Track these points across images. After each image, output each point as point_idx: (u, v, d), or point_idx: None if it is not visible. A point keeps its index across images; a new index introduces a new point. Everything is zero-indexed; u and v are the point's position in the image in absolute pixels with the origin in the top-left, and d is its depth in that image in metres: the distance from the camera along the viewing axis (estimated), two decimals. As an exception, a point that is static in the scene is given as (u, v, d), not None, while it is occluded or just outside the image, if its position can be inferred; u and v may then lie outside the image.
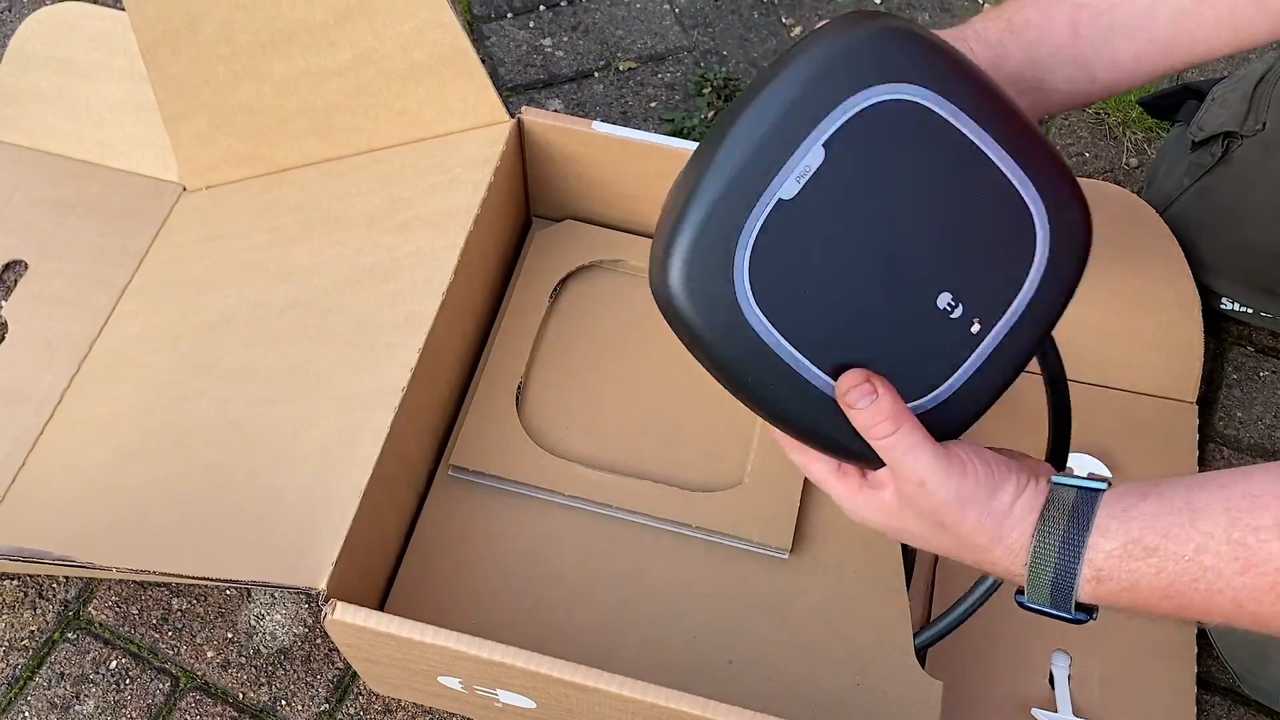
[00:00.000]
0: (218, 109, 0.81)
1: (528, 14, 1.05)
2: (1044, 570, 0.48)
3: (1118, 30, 0.56)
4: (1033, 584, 0.49)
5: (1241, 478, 0.45)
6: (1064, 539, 0.47)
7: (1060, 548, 0.47)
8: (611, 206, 0.81)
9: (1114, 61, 0.58)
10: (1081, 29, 0.57)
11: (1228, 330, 0.89)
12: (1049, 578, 0.48)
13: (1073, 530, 0.47)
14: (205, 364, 0.73)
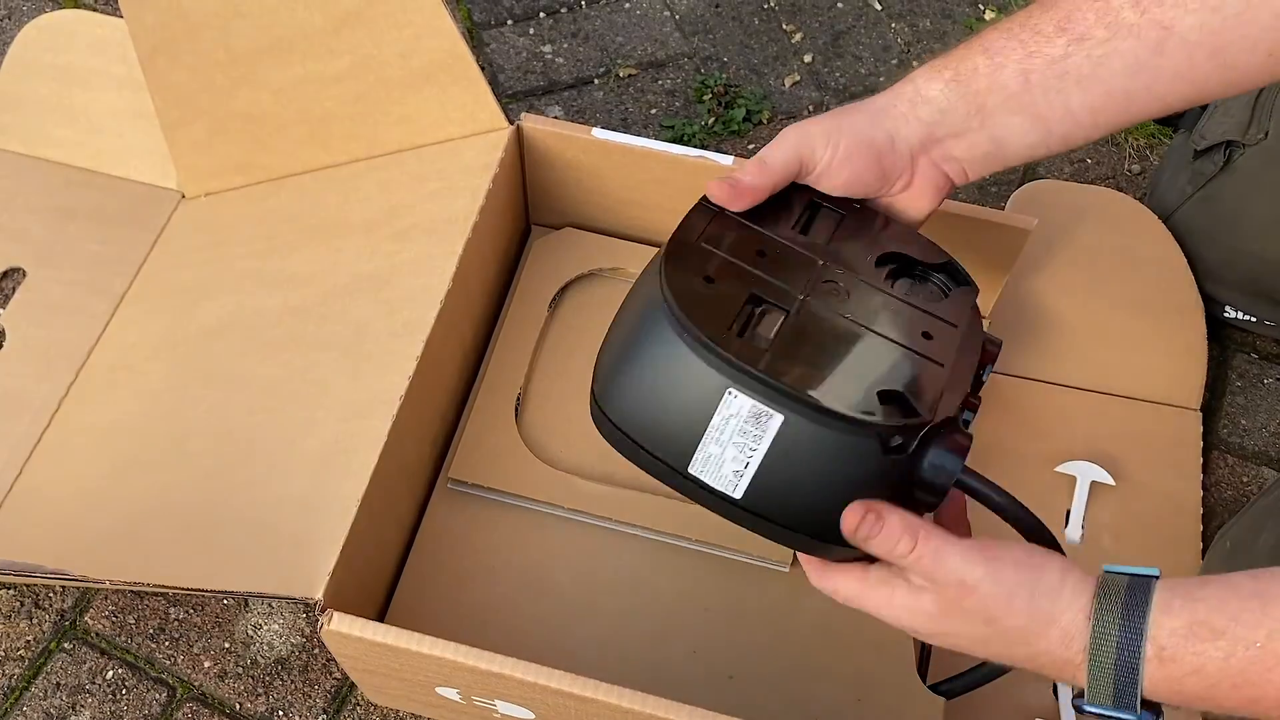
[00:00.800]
0: (216, 116, 0.81)
1: (528, 21, 1.05)
2: (1105, 651, 0.45)
3: (1070, 80, 0.55)
4: (1094, 671, 0.45)
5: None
6: (1124, 615, 0.44)
7: (1121, 624, 0.44)
8: (611, 214, 0.80)
9: (1068, 113, 0.56)
10: (1032, 77, 0.55)
11: (1231, 338, 0.88)
12: (1110, 659, 0.45)
13: (1132, 606, 0.45)
14: (203, 372, 0.73)
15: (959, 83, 0.56)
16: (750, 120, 0.98)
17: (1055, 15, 0.55)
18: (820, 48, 1.04)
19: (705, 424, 0.49)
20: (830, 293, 0.53)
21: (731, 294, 0.51)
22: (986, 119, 0.57)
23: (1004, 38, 0.56)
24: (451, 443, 0.73)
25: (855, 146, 0.56)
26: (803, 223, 0.57)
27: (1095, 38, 0.54)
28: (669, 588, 0.69)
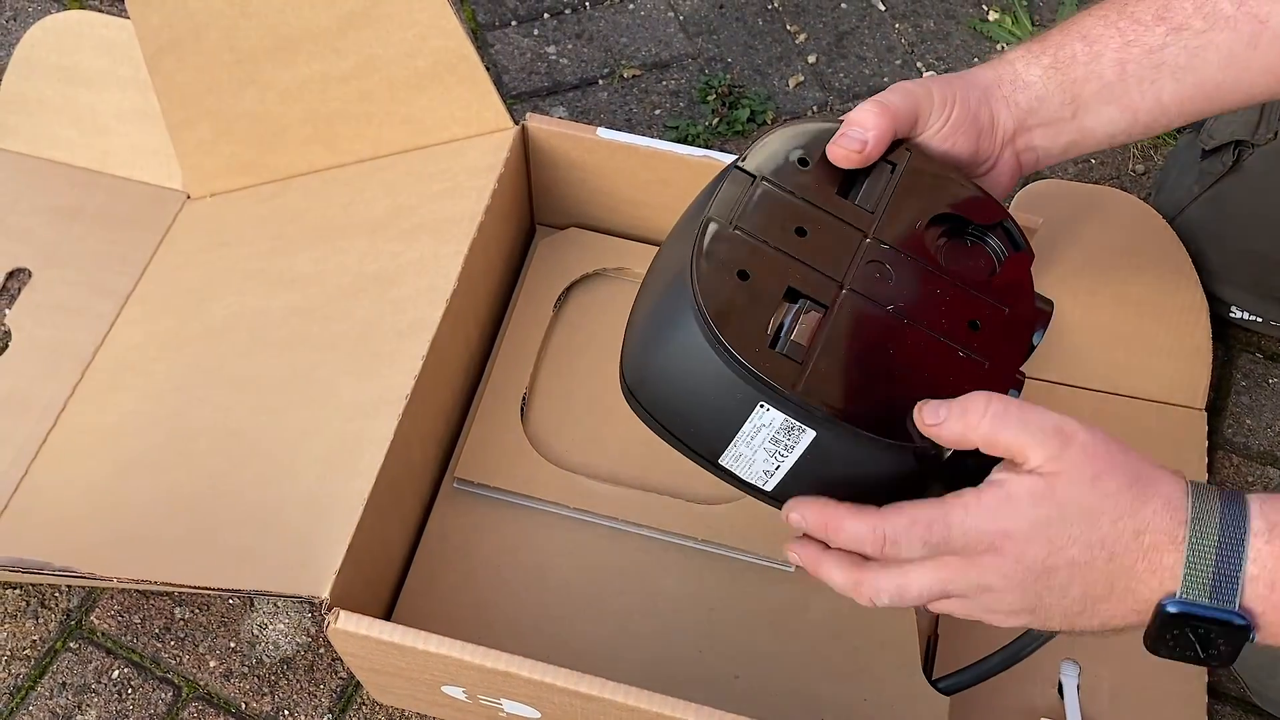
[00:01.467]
0: (222, 116, 0.81)
1: (532, 22, 1.05)
2: (1209, 519, 0.42)
3: (1166, 71, 0.55)
4: (1194, 549, 0.42)
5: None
6: (1222, 495, 0.43)
7: (1223, 500, 0.42)
8: (616, 213, 0.80)
9: (1158, 103, 0.56)
10: (1129, 67, 0.55)
11: (1236, 337, 0.88)
12: (1214, 532, 0.42)
13: (1229, 499, 0.43)
14: (208, 372, 0.73)
15: (1057, 69, 0.55)
16: (754, 121, 0.98)
17: (1154, 3, 0.54)
18: (824, 48, 1.04)
19: (737, 429, 0.48)
20: (873, 277, 0.50)
21: (766, 292, 0.48)
22: (1080, 109, 0.56)
23: (1101, 24, 0.55)
24: (457, 442, 0.73)
25: (964, 120, 0.55)
26: (850, 180, 0.54)
27: (1193, 28, 0.54)
28: (675, 587, 0.69)
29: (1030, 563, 0.44)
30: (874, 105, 0.52)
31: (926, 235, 0.53)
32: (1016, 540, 0.44)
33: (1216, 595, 0.42)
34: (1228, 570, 0.41)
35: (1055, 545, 0.44)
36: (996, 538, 0.44)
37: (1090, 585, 0.44)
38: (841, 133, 0.53)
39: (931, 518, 0.45)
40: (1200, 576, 0.42)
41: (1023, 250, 0.54)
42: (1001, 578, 0.45)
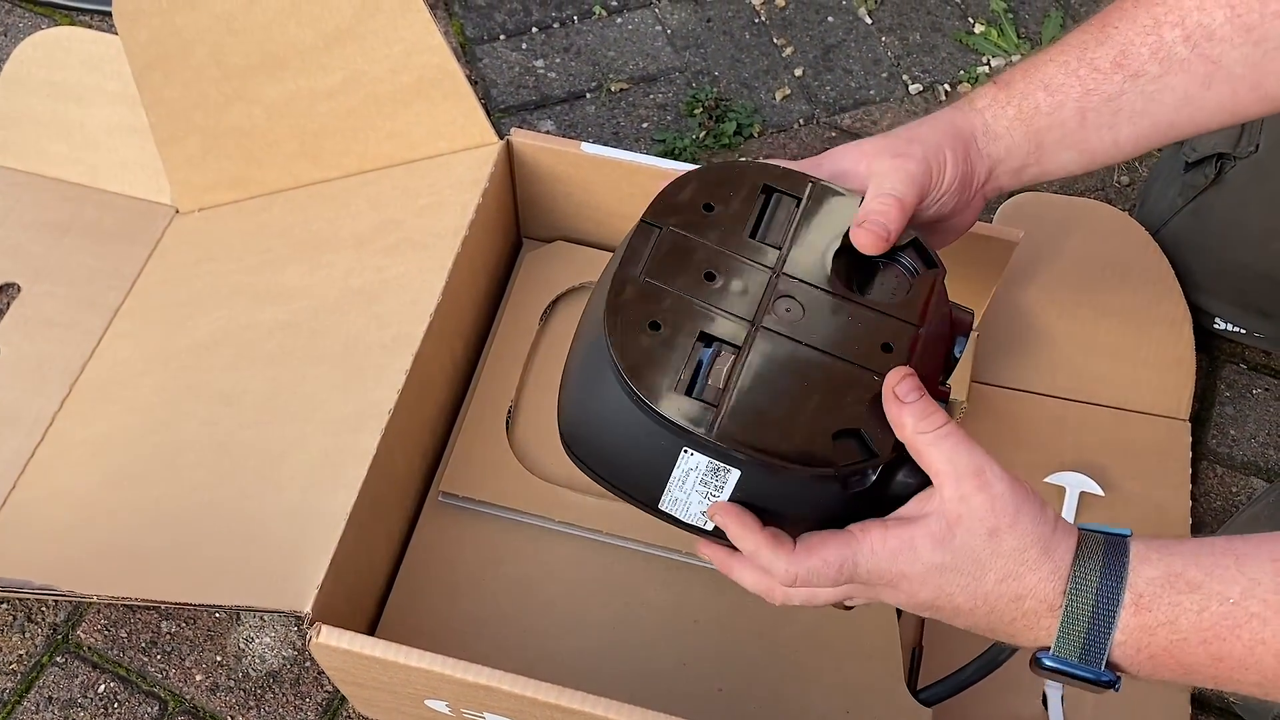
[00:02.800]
0: (209, 132, 0.82)
1: (520, 36, 1.05)
2: (1085, 592, 0.45)
3: (1124, 116, 0.56)
4: (1069, 615, 0.45)
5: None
6: (1104, 562, 0.45)
7: (1103, 569, 0.45)
8: (602, 227, 0.81)
9: (1114, 144, 0.57)
10: (1089, 115, 0.56)
11: (1220, 348, 0.88)
12: (1089, 603, 0.44)
13: (1112, 554, 0.45)
14: (194, 386, 0.73)
15: (1022, 121, 0.57)
16: (741, 134, 0.99)
17: (1111, 50, 0.55)
18: (811, 61, 1.04)
19: (668, 475, 0.50)
20: (783, 312, 0.52)
21: (679, 340, 0.50)
22: (1042, 154, 0.58)
23: (1063, 73, 0.56)
24: (442, 455, 0.73)
25: (956, 177, 0.56)
26: (756, 219, 0.54)
27: (1149, 74, 0.55)
28: (658, 600, 0.69)
29: (920, 601, 0.48)
30: (893, 200, 0.53)
31: (836, 264, 0.54)
32: (911, 581, 0.47)
33: (1085, 658, 0.45)
34: (1096, 640, 0.44)
35: (943, 592, 0.47)
36: (894, 577, 0.48)
37: (973, 624, 0.48)
38: (868, 222, 0.53)
39: (841, 559, 0.48)
40: (1071, 643, 0.45)
41: (935, 266, 0.55)
42: (896, 602, 0.49)
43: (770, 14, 1.08)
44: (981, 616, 0.47)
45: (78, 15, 1.05)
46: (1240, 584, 0.43)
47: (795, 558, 0.49)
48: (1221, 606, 0.43)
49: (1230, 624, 0.43)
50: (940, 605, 0.48)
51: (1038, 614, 0.46)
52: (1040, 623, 0.46)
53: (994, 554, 0.46)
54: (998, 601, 0.46)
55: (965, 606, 0.47)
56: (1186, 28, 0.54)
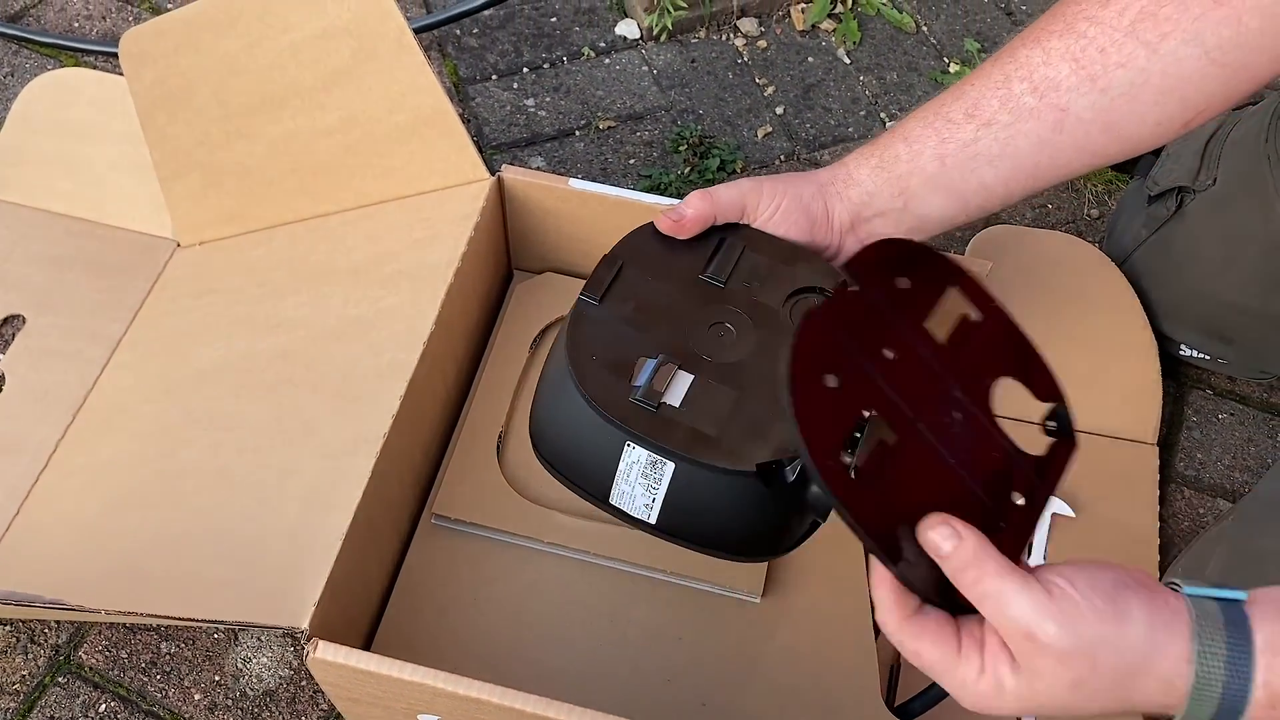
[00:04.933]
0: (211, 169, 0.85)
1: (511, 76, 1.09)
2: (1209, 697, 0.41)
3: (982, 160, 0.61)
4: (1195, 701, 0.42)
5: None
6: (1229, 660, 0.41)
7: (1227, 669, 0.41)
8: (590, 258, 0.82)
9: (981, 187, 0.62)
10: (948, 160, 0.61)
11: (1187, 374, 0.91)
12: (1214, 704, 0.42)
13: (1237, 645, 0.41)
14: (196, 414, 0.76)
15: (883, 168, 0.63)
16: (724, 169, 1.02)
17: (964, 104, 0.61)
18: (791, 100, 1.08)
19: (615, 467, 0.57)
20: (720, 336, 0.60)
21: (628, 353, 0.58)
22: (910, 199, 0.63)
23: (920, 126, 0.62)
24: (435, 479, 0.76)
25: (793, 210, 0.62)
26: (708, 258, 0.63)
27: (1000, 122, 0.60)
28: (644, 618, 0.71)
29: (1037, 702, 0.44)
30: (701, 193, 0.62)
31: (770, 298, 0.62)
32: (1026, 694, 0.44)
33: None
34: (1231, 705, 0.41)
35: (1064, 694, 0.43)
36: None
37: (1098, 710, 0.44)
38: (669, 208, 0.62)
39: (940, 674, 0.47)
40: (1202, 714, 0.42)
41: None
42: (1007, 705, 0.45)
43: (752, 55, 1.11)
44: (1106, 700, 0.43)
45: (82, 56, 1.08)
46: None
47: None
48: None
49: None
50: (1066, 705, 0.44)
51: (1159, 706, 0.43)
52: (1168, 706, 0.43)
53: (1088, 699, 0.43)
54: (1110, 710, 0.44)
55: (1085, 701, 0.43)
56: (1033, 81, 0.59)
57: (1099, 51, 0.58)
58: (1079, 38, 0.58)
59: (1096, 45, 0.58)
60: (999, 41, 1.13)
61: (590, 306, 0.61)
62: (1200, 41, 0.56)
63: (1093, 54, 0.58)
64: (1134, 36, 0.57)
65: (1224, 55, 0.57)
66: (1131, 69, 0.58)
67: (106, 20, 1.11)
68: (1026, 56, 0.60)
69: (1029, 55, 0.60)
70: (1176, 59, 0.57)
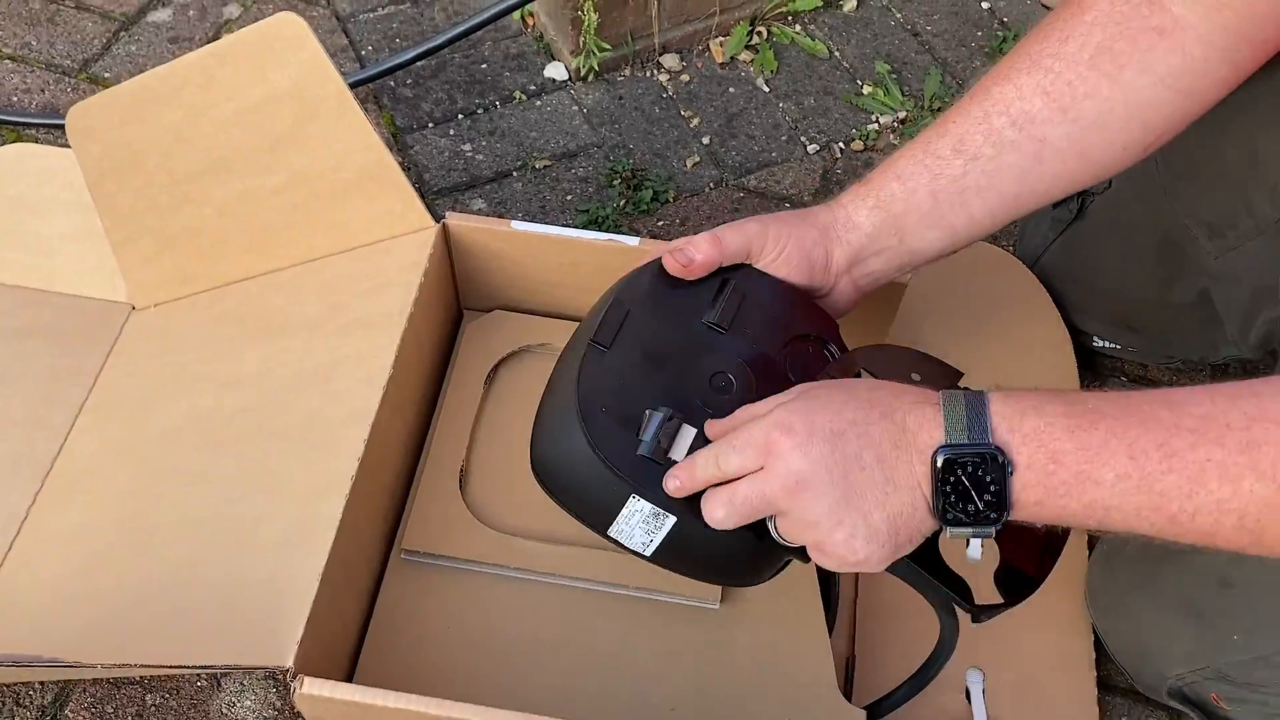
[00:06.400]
0: (162, 233, 0.87)
1: (447, 123, 1.13)
2: (955, 397, 0.52)
3: (970, 193, 0.66)
4: (949, 409, 0.52)
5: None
6: (966, 392, 0.52)
7: (966, 393, 0.52)
8: (535, 295, 0.88)
9: (970, 219, 0.67)
10: (940, 196, 0.66)
11: (1102, 364, 0.98)
12: (960, 398, 0.52)
13: (971, 389, 0.53)
14: (165, 471, 0.78)
15: (880, 208, 0.66)
16: (658, 200, 1.07)
17: (950, 140, 0.65)
18: (716, 130, 1.13)
19: (617, 513, 0.60)
20: (721, 387, 0.63)
21: (634, 407, 0.60)
22: (905, 236, 0.67)
23: (911, 164, 0.66)
24: (402, 516, 0.79)
25: (796, 254, 0.66)
26: (710, 304, 0.65)
27: (985, 155, 0.65)
28: (611, 632, 0.75)
29: (822, 430, 0.53)
30: (710, 236, 0.65)
31: (770, 345, 0.65)
32: (802, 414, 0.53)
33: (972, 434, 0.50)
34: (976, 416, 0.51)
35: (832, 409, 0.53)
36: (784, 419, 0.54)
37: (878, 444, 0.53)
38: (679, 248, 0.65)
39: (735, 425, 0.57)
40: (957, 422, 0.51)
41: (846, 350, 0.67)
42: (805, 458, 0.53)
43: (677, 89, 1.17)
44: (877, 423, 0.53)
45: (24, 129, 1.10)
46: (1091, 398, 0.50)
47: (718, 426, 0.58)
48: (1079, 406, 0.50)
49: (1090, 419, 0.49)
50: (840, 428, 0.53)
51: (921, 405, 0.53)
52: (926, 413, 0.52)
53: (852, 386, 0.55)
54: (882, 402, 0.53)
55: (860, 417, 0.53)
56: (1012, 114, 0.64)
57: (1067, 85, 0.63)
58: (1046, 73, 0.63)
59: (1064, 79, 0.63)
60: (908, 63, 1.19)
61: (600, 354, 0.63)
62: (1153, 70, 0.62)
63: (1061, 87, 0.63)
64: (1096, 69, 0.63)
65: (1176, 81, 0.63)
66: (1098, 99, 0.63)
67: (45, 93, 1.13)
68: (1000, 93, 0.65)
69: (1003, 92, 0.65)
70: (1135, 88, 0.63)
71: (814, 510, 0.53)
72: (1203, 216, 0.79)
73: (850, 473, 0.52)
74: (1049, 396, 0.51)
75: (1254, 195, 0.75)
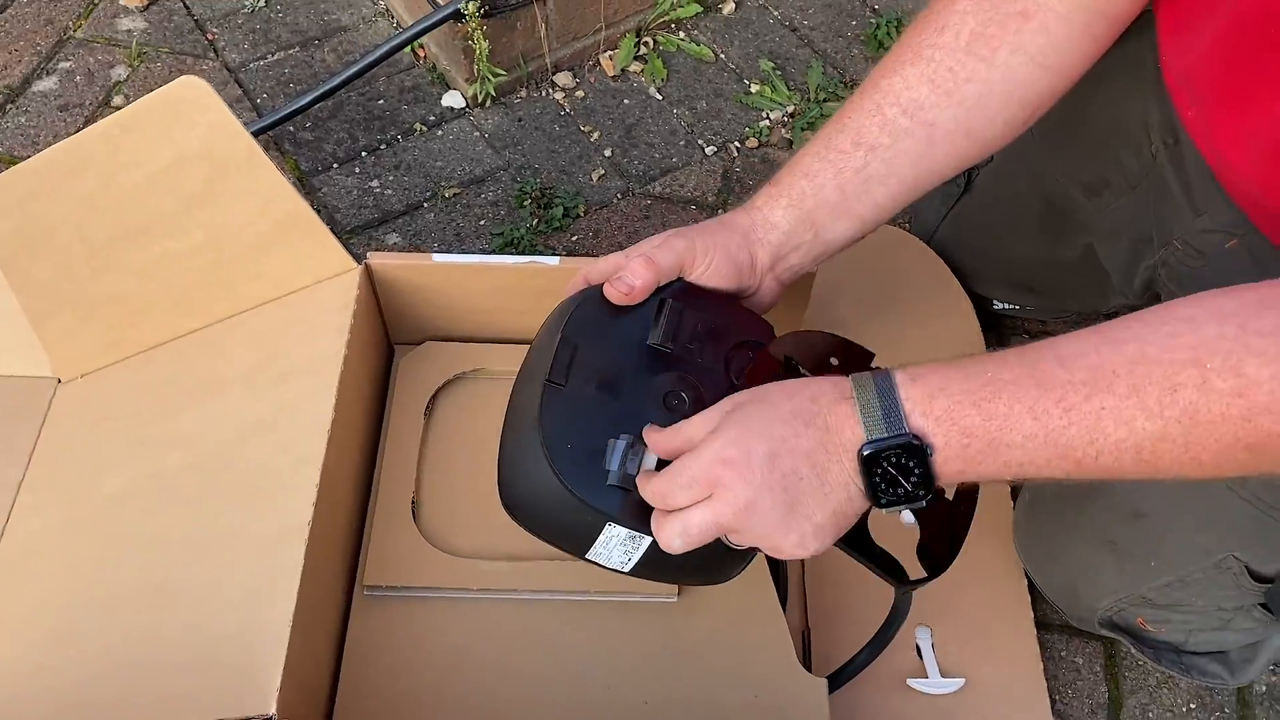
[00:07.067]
0: (82, 303, 0.87)
1: (351, 162, 1.14)
2: (866, 387, 0.54)
3: (874, 182, 0.70)
4: (862, 403, 0.54)
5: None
6: (874, 374, 0.55)
7: (874, 374, 0.55)
8: (463, 323, 0.90)
9: (875, 205, 0.71)
10: (846, 188, 0.70)
11: (1005, 325, 1.04)
12: (871, 389, 0.54)
13: (875, 371, 0.56)
14: (117, 539, 0.78)
15: (794, 207, 0.70)
16: (569, 216, 1.10)
17: (848, 135, 0.70)
18: (616, 141, 1.17)
19: (594, 540, 0.63)
20: (675, 405, 0.66)
21: (597, 436, 0.63)
22: (819, 230, 0.71)
23: (816, 161, 0.70)
24: (360, 552, 0.81)
25: (724, 262, 0.69)
26: (655, 324, 0.68)
27: (883, 144, 0.69)
28: (577, 638, 0.78)
29: (758, 455, 0.56)
30: (644, 259, 0.67)
31: (713, 358, 0.68)
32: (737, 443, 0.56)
33: (890, 427, 0.54)
34: (890, 407, 0.54)
35: (761, 431, 0.56)
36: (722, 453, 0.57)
37: (810, 454, 0.56)
38: (617, 278, 0.67)
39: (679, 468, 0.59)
40: (873, 417, 0.54)
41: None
42: (748, 485, 0.56)
43: (573, 105, 1.20)
44: (803, 433, 0.56)
45: (-81, 214, 1.08)
46: (990, 365, 0.53)
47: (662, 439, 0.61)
48: (981, 379, 0.53)
49: (992, 389, 0.52)
50: (775, 450, 0.56)
51: (837, 404, 0.56)
52: (843, 410, 0.55)
53: (768, 395, 0.57)
54: (802, 411, 0.56)
55: (788, 433, 0.56)
56: (902, 104, 0.68)
57: (948, 71, 0.68)
58: (929, 62, 0.68)
59: (945, 66, 0.68)
60: (790, 58, 1.24)
61: (557, 391, 0.65)
62: (1024, 51, 0.67)
63: (943, 74, 0.68)
64: (972, 54, 0.67)
65: (1045, 59, 0.68)
66: (977, 82, 0.68)
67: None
68: (889, 85, 0.69)
69: (890, 84, 0.69)
70: (1009, 68, 0.68)
71: (764, 526, 0.57)
72: (1079, 178, 0.85)
73: (789, 487, 0.56)
74: (951, 372, 0.55)
75: (1122, 154, 0.81)
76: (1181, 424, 0.49)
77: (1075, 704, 0.85)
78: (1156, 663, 0.80)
